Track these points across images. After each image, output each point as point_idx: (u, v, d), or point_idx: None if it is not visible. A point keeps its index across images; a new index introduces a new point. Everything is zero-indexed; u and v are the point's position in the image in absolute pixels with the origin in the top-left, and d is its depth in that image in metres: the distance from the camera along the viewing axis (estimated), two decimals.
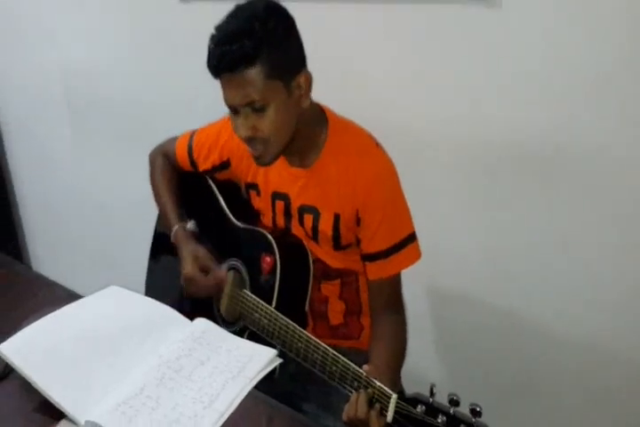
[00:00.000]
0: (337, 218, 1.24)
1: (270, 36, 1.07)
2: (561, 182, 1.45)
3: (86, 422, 0.99)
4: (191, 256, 1.31)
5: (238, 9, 1.11)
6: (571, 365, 1.57)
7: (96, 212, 2.60)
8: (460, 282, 1.69)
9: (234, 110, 1.14)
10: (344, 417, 1.02)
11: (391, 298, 1.28)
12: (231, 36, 1.06)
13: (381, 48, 1.59)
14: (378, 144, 1.25)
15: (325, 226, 1.26)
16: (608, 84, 1.31)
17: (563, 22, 1.32)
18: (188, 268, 1.30)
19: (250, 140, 1.16)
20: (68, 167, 2.64)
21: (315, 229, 1.28)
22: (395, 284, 1.28)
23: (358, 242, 1.26)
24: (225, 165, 1.38)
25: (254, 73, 1.07)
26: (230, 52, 1.05)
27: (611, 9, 1.26)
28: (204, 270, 1.31)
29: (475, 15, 1.41)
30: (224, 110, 1.18)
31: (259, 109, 1.10)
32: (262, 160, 1.20)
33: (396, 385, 1.01)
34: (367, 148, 1.23)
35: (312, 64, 1.16)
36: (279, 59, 1.08)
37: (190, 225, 1.40)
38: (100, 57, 2.29)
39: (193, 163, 1.43)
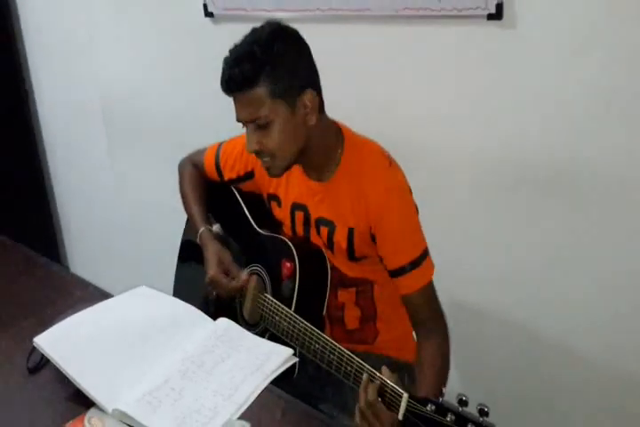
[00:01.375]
0: (351, 232, 1.29)
1: (272, 59, 1.14)
2: (581, 199, 1.47)
3: (114, 410, 1.06)
4: (215, 259, 1.38)
5: (251, 32, 1.19)
6: (582, 374, 1.58)
7: (129, 218, 2.69)
8: (477, 294, 1.71)
9: (243, 125, 1.22)
10: (358, 408, 1.06)
11: (428, 313, 1.28)
12: (235, 59, 1.15)
13: (397, 68, 1.64)
14: (392, 162, 1.29)
15: (340, 238, 1.31)
16: (626, 101, 1.34)
17: (577, 41, 1.36)
18: (212, 270, 1.36)
19: (257, 154, 1.24)
20: (105, 178, 2.74)
21: (330, 240, 1.33)
22: (428, 297, 1.28)
23: (381, 259, 1.29)
24: (249, 175, 1.44)
25: (257, 93, 1.15)
26: (234, 74, 1.14)
27: (625, 28, 1.30)
28: (227, 273, 1.37)
29: (490, 35, 1.45)
30: None
31: (263, 126, 1.18)
32: (272, 172, 1.27)
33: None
34: (380, 166, 1.28)
35: (330, 82, 1.23)
36: (282, 79, 1.15)
37: (216, 228, 1.47)
38: (134, 74, 2.39)
39: (219, 172, 1.49)
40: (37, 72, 2.84)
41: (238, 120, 1.21)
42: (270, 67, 1.14)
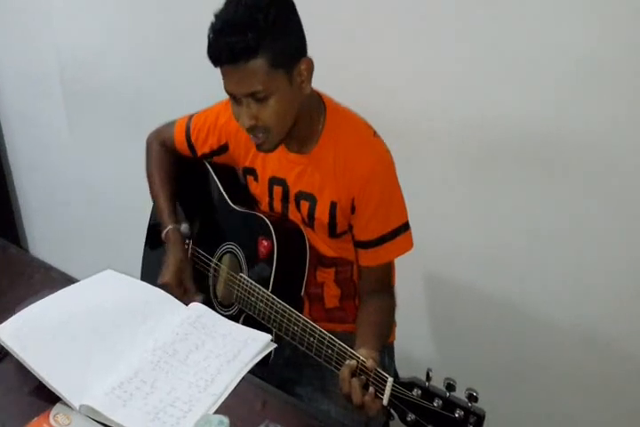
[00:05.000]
0: (333, 206, 1.24)
1: (273, 27, 1.05)
2: (560, 171, 1.44)
3: (81, 406, 0.99)
4: (175, 267, 1.31)
5: None
6: (566, 352, 1.57)
7: (93, 197, 2.59)
8: (457, 270, 1.69)
9: (235, 98, 1.13)
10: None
11: (380, 284, 1.28)
12: (232, 27, 1.04)
13: (375, 33, 1.57)
14: (375, 133, 1.24)
15: (322, 213, 1.26)
16: (609, 73, 1.30)
17: (562, 9, 1.30)
18: (167, 277, 1.29)
19: (252, 130, 1.14)
20: (66, 153, 2.62)
21: (311, 216, 1.27)
22: (385, 271, 1.28)
23: (351, 228, 1.26)
24: (223, 148, 1.36)
25: (257, 64, 1.05)
26: (232, 44, 1.03)
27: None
28: (182, 285, 1.30)
29: (472, 3, 1.39)
30: (223, 95, 1.16)
31: (261, 99, 1.09)
32: (264, 147, 1.19)
33: (380, 352, 1.05)
34: (365, 137, 1.22)
35: (313, 54, 1.14)
36: (281, 48, 1.07)
37: (184, 228, 1.39)
38: (96, 42, 2.26)
39: (191, 147, 1.41)
40: None
41: (231, 94, 1.12)
42: (272, 35, 1.05)
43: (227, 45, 1.04)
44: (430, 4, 1.45)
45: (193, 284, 1.32)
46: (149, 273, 1.52)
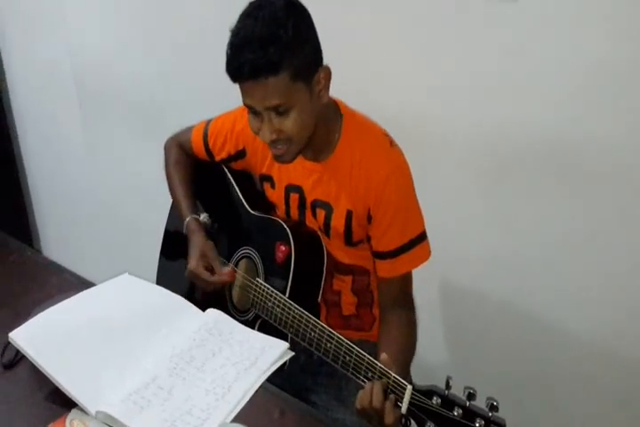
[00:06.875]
0: (349, 214, 1.23)
1: (293, 40, 1.03)
2: (574, 181, 1.42)
3: (97, 412, 0.99)
4: (199, 252, 1.29)
5: (255, 8, 1.06)
6: (582, 360, 1.55)
7: (108, 200, 2.58)
8: (472, 278, 1.67)
9: (254, 112, 1.11)
10: (357, 405, 1.01)
11: (400, 296, 1.26)
12: (253, 43, 1.02)
13: (393, 44, 1.55)
14: (392, 142, 1.22)
15: (337, 222, 1.25)
16: (625, 82, 1.28)
17: (579, 18, 1.29)
18: (193, 263, 1.28)
19: (274, 142, 1.13)
20: (80, 155, 2.61)
21: (327, 224, 1.26)
22: (405, 282, 1.27)
23: (369, 239, 1.25)
24: (240, 154, 1.35)
25: (279, 79, 1.04)
26: (253, 60, 1.02)
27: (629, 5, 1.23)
28: (209, 268, 1.29)
29: (490, 11, 1.37)
30: (237, 99, 1.15)
31: (282, 112, 1.08)
32: (284, 158, 1.18)
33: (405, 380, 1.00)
34: (382, 146, 1.21)
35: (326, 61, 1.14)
36: (302, 60, 1.06)
37: (204, 218, 1.38)
38: (111, 44, 2.25)
39: (209, 152, 1.40)
40: (5, 40, 2.65)
41: (252, 108, 1.10)
42: (293, 49, 1.04)
43: (248, 62, 1.02)
44: (444, 14, 1.44)
45: (220, 262, 1.29)
46: (165, 279, 1.51)
